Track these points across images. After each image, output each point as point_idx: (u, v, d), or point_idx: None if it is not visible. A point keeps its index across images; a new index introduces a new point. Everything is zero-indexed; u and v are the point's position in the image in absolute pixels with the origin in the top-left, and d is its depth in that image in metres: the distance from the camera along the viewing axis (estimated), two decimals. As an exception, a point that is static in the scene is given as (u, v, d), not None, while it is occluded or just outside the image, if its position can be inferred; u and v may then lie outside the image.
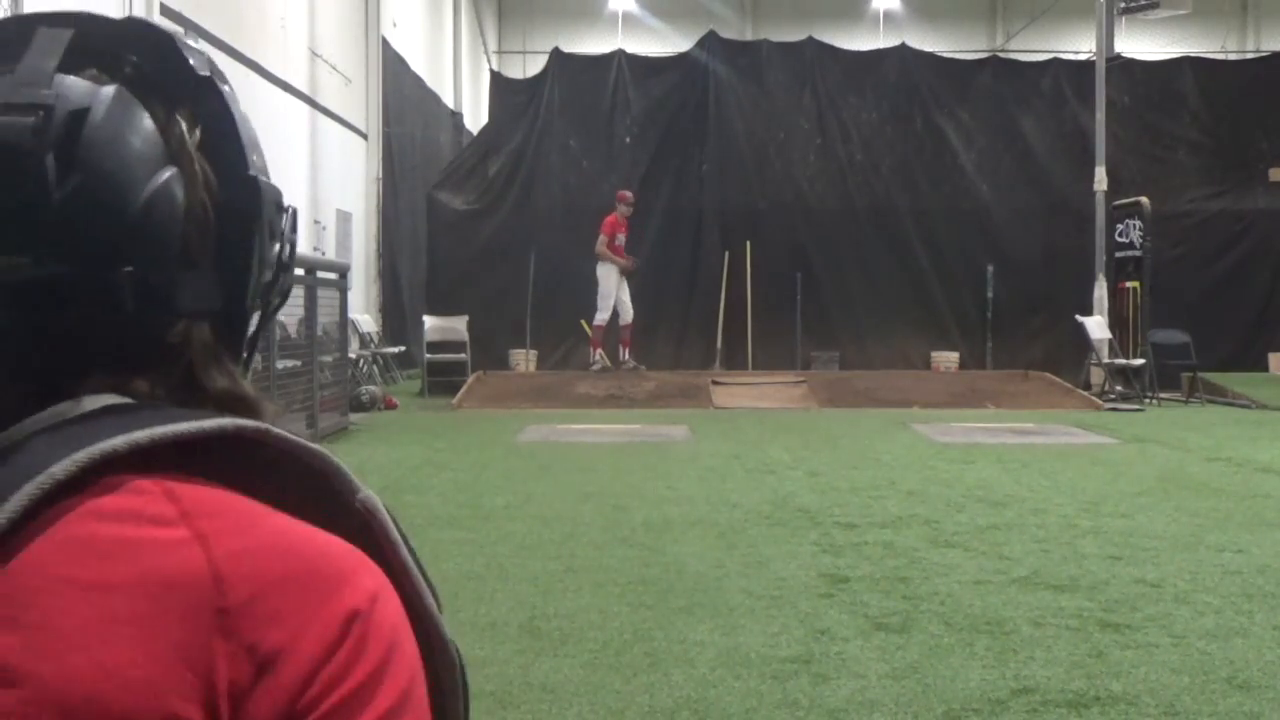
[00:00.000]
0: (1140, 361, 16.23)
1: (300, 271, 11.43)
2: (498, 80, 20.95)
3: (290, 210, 0.89)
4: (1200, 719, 4.24)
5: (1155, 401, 15.84)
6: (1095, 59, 18.35)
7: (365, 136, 20.62)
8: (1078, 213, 17.94)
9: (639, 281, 17.37)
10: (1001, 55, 24.87)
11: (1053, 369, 17.15)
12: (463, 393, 15.78)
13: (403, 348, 19.44)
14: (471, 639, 5.01)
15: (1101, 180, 17.47)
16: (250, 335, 0.87)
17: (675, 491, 8.81)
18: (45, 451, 0.73)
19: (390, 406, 15.09)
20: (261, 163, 0.86)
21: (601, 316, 17.09)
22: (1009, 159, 19.19)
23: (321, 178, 17.76)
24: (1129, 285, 17.01)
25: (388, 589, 0.76)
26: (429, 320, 17.75)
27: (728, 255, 18.50)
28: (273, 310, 0.89)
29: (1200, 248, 19.08)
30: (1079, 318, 16.70)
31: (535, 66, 22.52)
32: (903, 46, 19.99)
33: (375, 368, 17.79)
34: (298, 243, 0.95)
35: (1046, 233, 18.76)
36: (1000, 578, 6.20)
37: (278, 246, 0.87)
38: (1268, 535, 7.30)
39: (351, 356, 15.26)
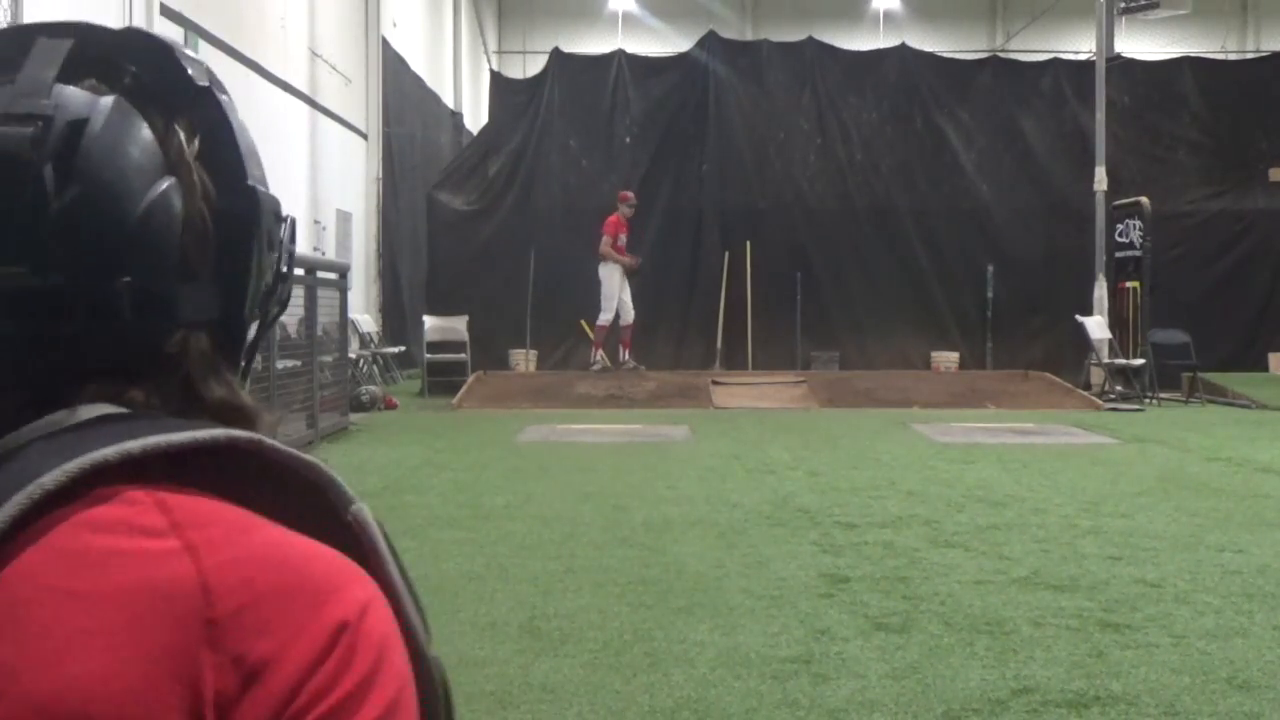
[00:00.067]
0: (1140, 361, 16.22)
1: (300, 271, 11.42)
2: (498, 80, 20.95)
3: (289, 219, 0.89)
4: (1200, 719, 4.25)
5: (1155, 401, 15.84)
6: (1095, 59, 18.34)
7: (365, 136, 20.62)
8: (1078, 213, 17.93)
9: (639, 281, 17.35)
10: (1001, 55, 24.86)
11: (1053, 369, 17.13)
12: (463, 393, 15.78)
13: (403, 348, 19.44)
14: (471, 639, 5.02)
15: (1101, 180, 17.46)
16: (248, 344, 0.87)
17: (675, 491, 8.81)
18: (38, 461, 0.73)
19: (390, 406, 15.09)
20: (260, 172, 0.86)
21: (605, 317, 17.06)
22: (1009, 159, 19.18)
23: (321, 178, 17.76)
24: (1129, 285, 17.01)
25: (379, 600, 0.76)
26: (429, 320, 17.74)
27: (728, 255, 18.49)
28: (271, 319, 0.89)
29: (1200, 248, 19.05)
30: (1079, 318, 16.69)
31: (535, 66, 22.52)
32: (903, 46, 19.97)
33: (375, 368, 17.79)
34: (297, 245, 0.95)
35: (1046, 233, 18.75)
36: (1000, 578, 6.20)
37: (276, 256, 0.87)
38: (1268, 535, 7.30)
39: (351, 356, 15.25)
